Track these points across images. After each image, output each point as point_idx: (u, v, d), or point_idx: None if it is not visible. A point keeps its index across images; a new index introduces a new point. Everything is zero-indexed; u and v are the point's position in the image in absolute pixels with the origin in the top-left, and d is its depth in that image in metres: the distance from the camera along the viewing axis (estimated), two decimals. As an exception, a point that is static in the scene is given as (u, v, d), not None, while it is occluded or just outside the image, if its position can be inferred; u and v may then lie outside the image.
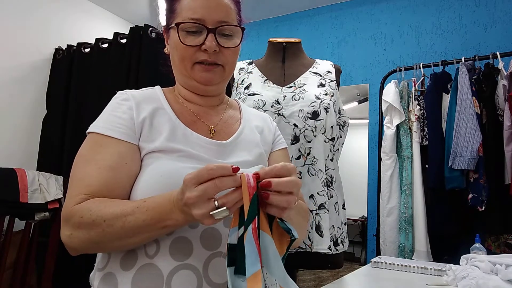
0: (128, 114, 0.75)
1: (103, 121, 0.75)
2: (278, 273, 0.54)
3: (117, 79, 2.33)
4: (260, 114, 0.97)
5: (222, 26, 0.76)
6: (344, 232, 1.41)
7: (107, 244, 0.64)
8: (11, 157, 2.52)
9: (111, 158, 0.70)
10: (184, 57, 0.77)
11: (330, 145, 1.39)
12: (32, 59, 2.71)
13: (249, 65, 1.53)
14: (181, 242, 0.67)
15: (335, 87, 1.45)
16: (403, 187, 2.27)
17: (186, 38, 0.76)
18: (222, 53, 0.78)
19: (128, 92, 0.80)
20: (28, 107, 2.68)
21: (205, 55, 0.76)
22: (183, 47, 0.76)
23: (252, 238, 0.51)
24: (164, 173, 0.69)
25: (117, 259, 0.69)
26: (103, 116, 0.76)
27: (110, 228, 0.62)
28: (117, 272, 0.68)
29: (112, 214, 0.62)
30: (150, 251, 0.67)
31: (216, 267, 0.68)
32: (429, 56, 2.76)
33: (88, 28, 3.08)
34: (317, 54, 3.09)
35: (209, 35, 0.75)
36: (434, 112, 2.24)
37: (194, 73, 0.78)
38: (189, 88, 0.83)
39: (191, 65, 0.78)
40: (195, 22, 0.75)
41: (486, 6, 2.64)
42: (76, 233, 0.64)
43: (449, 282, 1.03)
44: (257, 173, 0.56)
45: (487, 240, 2.05)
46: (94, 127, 0.74)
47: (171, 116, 0.78)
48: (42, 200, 2.06)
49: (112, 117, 0.75)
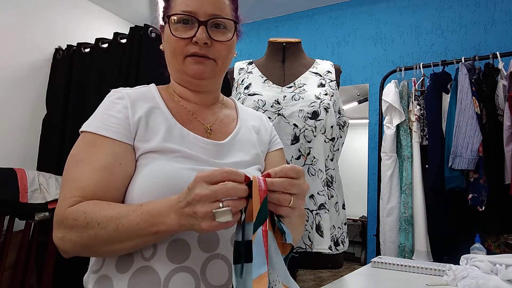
0: (123, 114, 0.73)
1: (97, 120, 0.73)
2: (280, 271, 0.54)
3: (117, 79, 2.33)
4: (256, 113, 0.96)
5: (213, 19, 0.75)
6: (344, 232, 1.41)
7: (98, 248, 0.63)
8: (11, 157, 2.52)
9: (105, 159, 0.68)
10: (176, 50, 0.77)
11: (330, 145, 1.39)
12: (32, 59, 2.71)
13: (249, 65, 1.53)
14: (179, 244, 0.66)
15: (335, 87, 1.45)
16: (403, 187, 2.27)
17: (177, 31, 0.75)
18: (214, 46, 0.76)
19: (122, 90, 0.78)
20: (28, 107, 2.68)
21: (196, 48, 0.75)
22: (174, 39, 0.75)
23: (262, 240, 0.51)
24: (161, 174, 0.68)
25: (112, 262, 0.68)
26: (97, 115, 0.74)
27: (103, 231, 0.60)
28: (113, 275, 0.67)
29: (107, 216, 0.61)
30: (146, 254, 0.66)
31: (214, 269, 0.67)
32: (429, 56, 2.76)
33: (88, 28, 3.08)
34: (317, 54, 3.09)
35: (200, 28, 0.74)
36: (434, 112, 2.24)
37: (186, 66, 0.77)
38: (182, 83, 0.82)
39: (182, 58, 0.77)
40: (187, 14, 0.74)
41: (486, 6, 2.64)
42: (68, 235, 0.63)
43: (449, 282, 1.03)
44: (268, 173, 0.57)
45: (487, 240, 2.05)
46: (87, 126, 0.72)
47: (167, 116, 0.77)
48: (42, 200, 2.06)
49: (106, 116, 0.73)
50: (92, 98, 2.41)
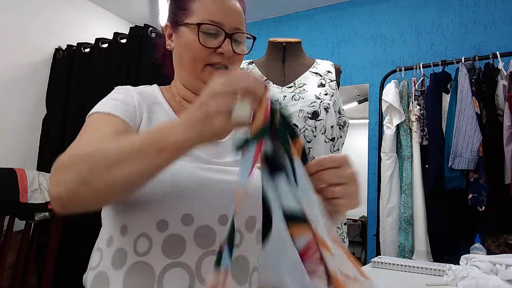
0: (130, 101, 0.74)
1: (105, 105, 0.72)
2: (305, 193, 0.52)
3: (117, 79, 2.33)
4: None
5: (237, 33, 0.79)
6: (344, 232, 1.41)
7: (95, 179, 0.53)
8: (11, 157, 2.52)
9: (115, 128, 0.67)
10: (197, 58, 0.77)
11: (330, 145, 1.39)
12: (32, 59, 2.71)
13: (249, 65, 1.53)
14: (174, 239, 0.66)
15: (335, 87, 1.45)
16: (403, 187, 2.27)
17: (204, 39, 0.76)
18: (233, 58, 0.79)
19: (127, 86, 0.80)
20: (28, 107, 2.68)
21: (220, 58, 0.77)
22: (200, 47, 0.76)
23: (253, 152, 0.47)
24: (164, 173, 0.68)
25: (108, 257, 0.68)
26: (105, 101, 0.73)
27: (102, 154, 0.54)
28: (109, 271, 0.68)
29: (110, 142, 0.59)
30: (142, 249, 0.66)
31: (210, 265, 0.66)
32: (429, 56, 2.76)
33: (88, 28, 3.08)
34: (317, 54, 3.08)
35: (226, 40, 0.77)
36: (434, 112, 2.24)
37: (204, 74, 0.78)
38: (192, 88, 0.82)
39: (202, 66, 0.77)
40: (215, 25, 0.76)
41: (486, 6, 2.64)
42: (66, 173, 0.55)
43: (449, 282, 1.03)
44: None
45: (487, 240, 2.05)
46: (95, 109, 0.71)
47: (168, 112, 0.78)
48: (42, 200, 2.06)
49: (115, 101, 0.72)
50: (92, 98, 2.39)
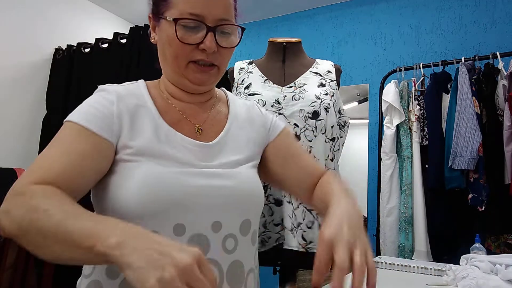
0: (108, 109, 0.70)
1: (82, 112, 0.70)
2: None
3: (117, 79, 2.32)
4: (247, 103, 0.90)
5: (222, 25, 0.71)
6: (344, 232, 1.41)
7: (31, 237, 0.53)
8: (11, 157, 2.52)
9: (82, 147, 0.65)
10: (179, 55, 0.71)
11: (330, 145, 1.39)
12: (32, 59, 2.71)
13: (249, 65, 1.53)
14: None
15: (335, 87, 1.45)
16: (403, 187, 2.27)
17: (183, 34, 0.69)
18: (219, 52, 0.72)
19: (110, 86, 0.76)
20: (28, 107, 2.68)
21: (203, 55, 0.71)
22: (179, 44, 0.70)
23: None
24: (147, 179, 0.65)
25: (103, 267, 0.67)
26: (83, 107, 0.71)
27: (37, 229, 0.52)
28: (103, 281, 0.66)
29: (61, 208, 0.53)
30: None
31: None
32: (429, 56, 2.76)
33: (88, 28, 3.08)
34: (317, 54, 3.09)
35: (208, 34, 0.69)
36: (434, 112, 2.23)
37: (188, 72, 0.73)
38: (178, 85, 0.78)
39: (185, 63, 0.72)
40: (194, 19, 0.69)
41: (486, 6, 2.64)
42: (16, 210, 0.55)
43: (449, 282, 1.03)
44: None
45: (487, 240, 2.04)
46: (71, 116, 0.70)
47: (154, 115, 0.73)
48: (42, 200, 2.06)
49: (92, 109, 0.70)
50: (92, 98, 2.41)
